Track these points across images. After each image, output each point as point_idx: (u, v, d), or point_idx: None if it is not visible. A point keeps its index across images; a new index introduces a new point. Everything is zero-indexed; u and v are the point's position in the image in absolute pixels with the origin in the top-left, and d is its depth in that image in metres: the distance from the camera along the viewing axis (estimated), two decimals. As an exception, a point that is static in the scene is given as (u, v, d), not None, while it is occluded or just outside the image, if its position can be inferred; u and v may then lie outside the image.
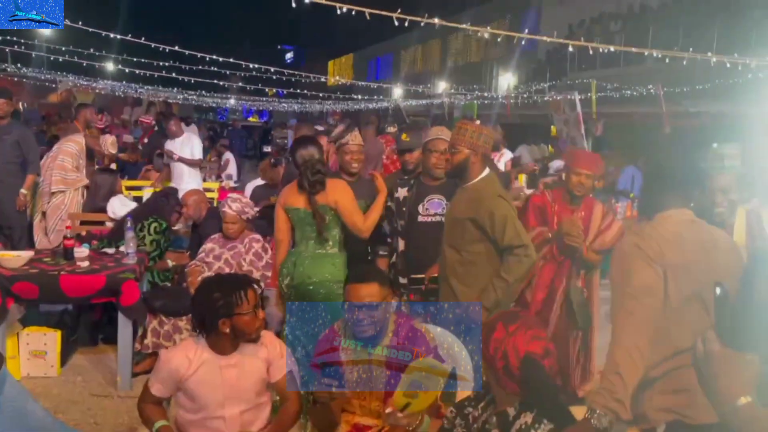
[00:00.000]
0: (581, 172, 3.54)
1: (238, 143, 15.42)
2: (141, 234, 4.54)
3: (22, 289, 3.75)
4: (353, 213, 3.33)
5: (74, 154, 5.72)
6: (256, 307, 2.32)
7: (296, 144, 3.57)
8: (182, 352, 2.37)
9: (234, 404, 2.36)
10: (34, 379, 4.01)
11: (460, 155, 3.07)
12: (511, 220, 2.99)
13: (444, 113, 17.06)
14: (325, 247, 3.35)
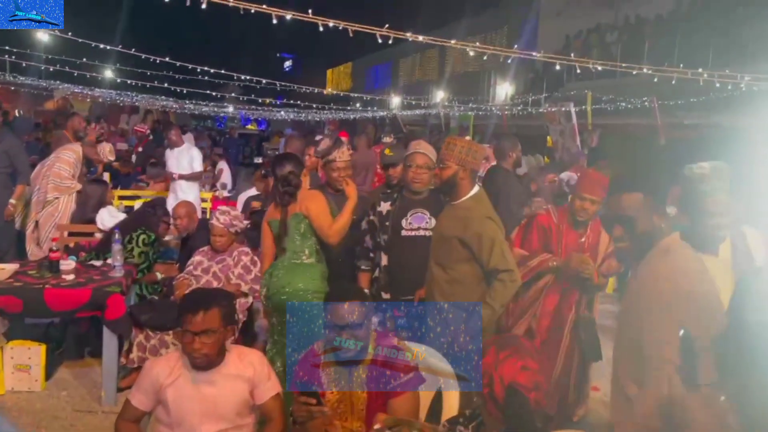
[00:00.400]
0: (585, 197, 3.40)
1: (234, 152, 15.39)
2: (129, 246, 4.50)
3: (6, 303, 3.70)
4: (320, 216, 3.32)
5: (72, 163, 5.70)
6: (201, 333, 2.23)
7: (275, 161, 3.61)
8: (165, 362, 2.40)
9: (212, 422, 2.32)
10: (18, 394, 3.95)
11: (448, 171, 3.05)
12: (498, 243, 2.96)
13: (441, 123, 17.05)
14: (300, 257, 3.35)
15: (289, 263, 3.34)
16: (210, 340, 2.26)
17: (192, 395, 2.32)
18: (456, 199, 3.08)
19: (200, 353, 2.26)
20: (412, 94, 21.82)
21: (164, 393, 2.33)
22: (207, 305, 2.27)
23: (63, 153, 5.75)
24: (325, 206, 3.37)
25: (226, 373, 2.36)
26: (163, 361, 2.41)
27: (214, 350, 2.29)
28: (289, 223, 3.34)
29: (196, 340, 2.25)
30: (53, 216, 5.53)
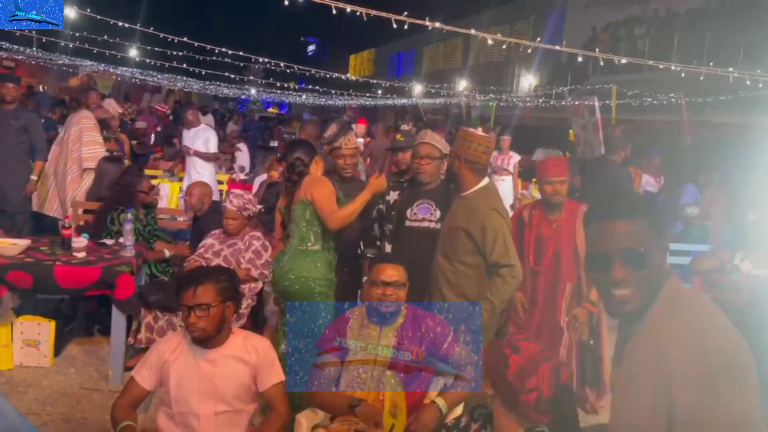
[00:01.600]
0: (553, 179, 3.48)
1: (253, 134, 15.39)
2: (113, 228, 4.50)
3: (16, 278, 3.71)
4: (323, 202, 3.21)
5: (95, 127, 5.82)
6: (195, 307, 2.26)
7: (288, 146, 3.55)
8: (173, 338, 2.44)
9: (209, 402, 2.31)
10: (27, 369, 3.97)
11: (449, 162, 3.09)
12: (501, 236, 2.93)
13: (462, 113, 16.89)
14: (306, 243, 3.26)
15: (295, 250, 3.28)
16: (205, 314, 2.27)
17: (193, 372, 2.33)
18: (464, 190, 3.08)
19: (197, 327, 2.27)
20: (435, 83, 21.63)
21: (167, 369, 2.34)
22: (201, 280, 2.30)
23: (82, 123, 5.78)
24: (330, 192, 3.28)
25: (228, 354, 2.36)
26: (171, 338, 2.46)
27: (212, 325, 2.29)
28: (295, 210, 3.29)
29: (191, 315, 2.26)
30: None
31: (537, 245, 3.51)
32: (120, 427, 2.23)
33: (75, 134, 5.74)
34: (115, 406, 2.32)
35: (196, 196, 4.78)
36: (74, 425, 3.39)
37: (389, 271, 2.59)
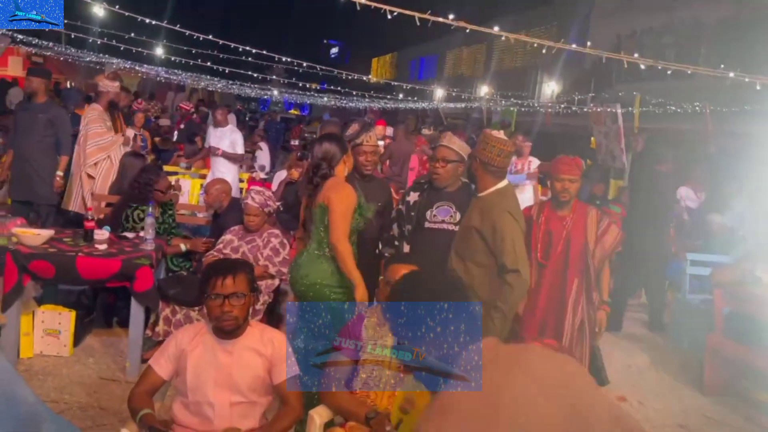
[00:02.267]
0: (563, 177, 3.51)
1: (274, 135, 15.50)
2: (128, 225, 4.56)
3: (39, 267, 3.77)
4: (337, 216, 3.08)
5: (97, 119, 5.94)
6: (231, 295, 2.30)
7: (317, 139, 3.53)
8: (191, 329, 2.48)
9: (224, 393, 2.34)
10: (46, 358, 4.04)
11: (469, 163, 3.14)
12: (510, 238, 2.96)
13: (482, 118, 16.84)
14: (323, 249, 3.19)
15: (312, 254, 3.21)
16: (239, 302, 2.32)
17: (210, 362, 2.35)
18: (480, 191, 3.13)
19: (231, 315, 2.31)
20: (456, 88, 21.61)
21: (185, 359, 2.37)
22: (235, 270, 2.35)
23: (88, 115, 5.99)
24: (347, 205, 3.13)
25: (244, 345, 2.38)
26: (189, 329, 2.49)
27: (244, 314, 2.35)
28: (315, 212, 3.21)
29: (226, 303, 2.30)
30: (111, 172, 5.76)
31: (545, 240, 3.52)
32: (139, 415, 2.25)
33: (83, 131, 5.88)
34: (132, 395, 2.35)
35: (213, 194, 4.84)
36: (91, 414, 3.44)
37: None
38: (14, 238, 3.95)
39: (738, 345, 4.31)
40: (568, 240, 3.50)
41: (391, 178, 8.03)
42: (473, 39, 26.28)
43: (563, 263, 3.48)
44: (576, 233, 3.50)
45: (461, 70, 29.21)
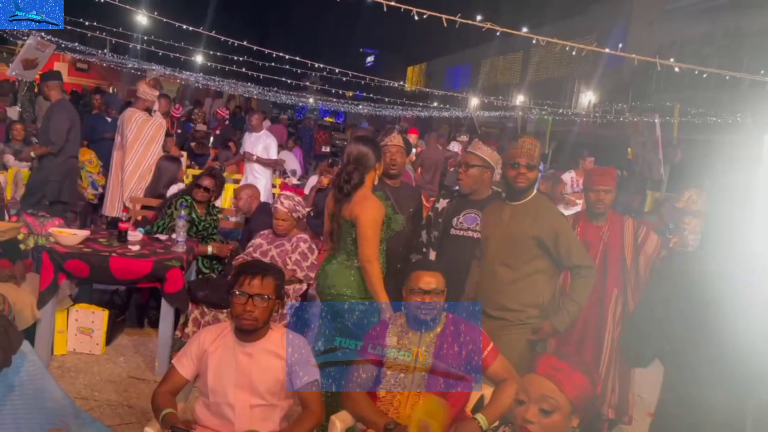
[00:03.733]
0: (597, 188, 3.47)
1: (308, 141, 15.65)
2: (169, 211, 4.64)
3: (74, 266, 3.87)
4: (365, 237, 2.99)
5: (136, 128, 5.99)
6: (256, 296, 2.32)
7: (352, 139, 3.47)
8: (214, 330, 2.49)
9: (244, 395, 2.35)
10: (79, 355, 4.14)
11: (536, 171, 3.02)
12: (574, 238, 2.95)
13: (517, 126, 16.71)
14: (352, 260, 3.10)
15: (340, 264, 3.14)
16: (263, 304, 2.33)
17: (230, 364, 2.37)
18: (521, 199, 3.03)
19: (251, 315, 2.32)
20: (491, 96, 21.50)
21: (206, 359, 2.39)
22: (265, 272, 2.38)
23: (135, 118, 6.03)
24: (375, 221, 3.02)
25: (265, 348, 2.39)
26: (212, 329, 2.51)
27: (264, 317, 2.36)
28: (343, 224, 3.10)
29: (249, 302, 2.31)
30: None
31: None
32: (162, 414, 2.27)
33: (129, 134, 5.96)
34: (156, 394, 2.38)
35: (243, 199, 4.91)
36: (120, 412, 3.50)
37: (427, 279, 2.57)
38: (51, 237, 4.07)
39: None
40: (605, 251, 3.46)
41: (422, 185, 8.02)
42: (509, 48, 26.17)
43: (602, 274, 3.41)
44: (613, 244, 3.46)
45: (496, 78, 29.07)
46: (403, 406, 2.49)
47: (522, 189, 3.01)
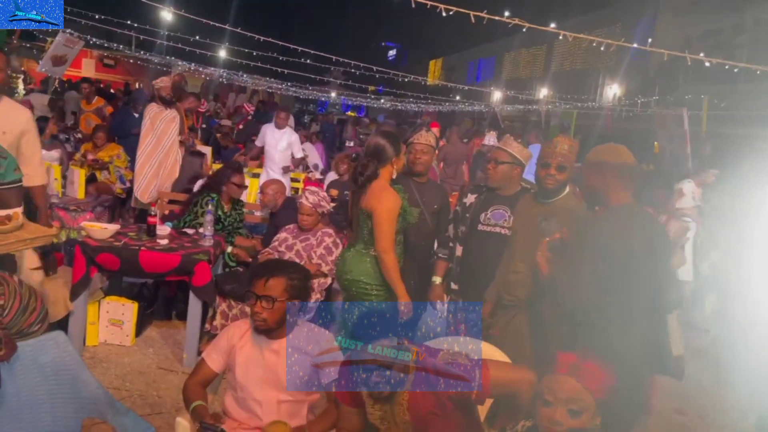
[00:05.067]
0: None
1: (330, 136, 15.70)
2: (194, 209, 4.70)
3: (105, 260, 3.95)
4: (380, 228, 3.07)
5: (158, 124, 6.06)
6: (262, 297, 2.30)
7: (374, 133, 3.55)
8: (242, 325, 2.50)
9: (272, 390, 2.37)
10: (110, 346, 4.23)
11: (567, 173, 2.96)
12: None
13: (541, 120, 16.55)
14: (369, 249, 3.22)
15: (358, 253, 3.26)
16: (269, 306, 2.31)
17: (257, 361, 2.39)
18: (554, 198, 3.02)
19: (259, 317, 2.33)
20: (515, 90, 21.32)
21: (234, 355, 2.42)
22: (273, 273, 2.34)
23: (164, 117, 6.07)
24: (390, 212, 3.11)
25: (292, 344, 2.40)
26: (241, 324, 2.51)
27: (273, 318, 2.33)
28: (360, 214, 3.21)
29: (257, 303, 2.32)
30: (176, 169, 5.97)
31: None
32: (192, 406, 2.32)
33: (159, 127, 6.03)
34: (186, 386, 2.42)
35: (269, 194, 4.96)
36: (150, 402, 3.58)
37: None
38: (83, 231, 4.16)
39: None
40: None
41: (444, 180, 8.01)
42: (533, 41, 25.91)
43: None
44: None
45: (519, 72, 28.82)
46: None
47: (549, 190, 2.98)
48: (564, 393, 1.71)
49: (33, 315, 2.42)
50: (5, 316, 2.31)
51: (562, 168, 2.92)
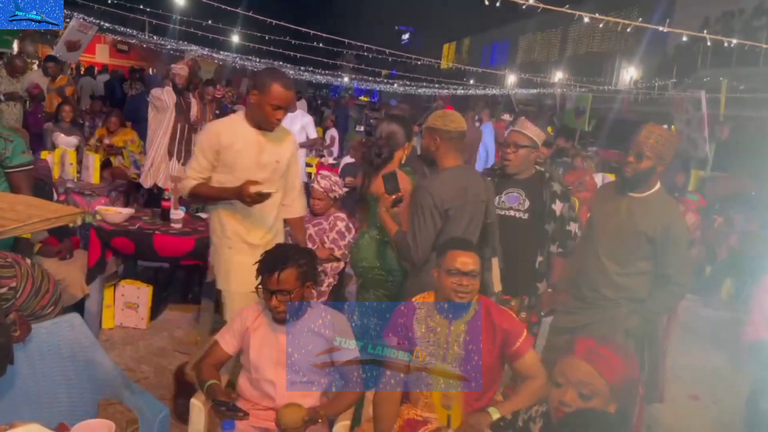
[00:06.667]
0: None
1: (343, 120, 15.66)
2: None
3: (120, 244, 3.99)
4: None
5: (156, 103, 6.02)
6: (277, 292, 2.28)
7: (384, 117, 3.51)
8: (257, 307, 2.50)
9: (285, 372, 2.38)
10: (125, 329, 4.28)
11: (648, 162, 2.73)
12: (683, 248, 2.79)
13: (555, 104, 16.37)
14: (383, 235, 3.16)
15: (372, 238, 3.23)
16: (286, 298, 2.32)
17: (271, 343, 2.40)
18: (642, 192, 2.82)
19: (278, 310, 2.34)
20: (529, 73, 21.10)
21: (248, 337, 2.44)
22: (283, 265, 2.31)
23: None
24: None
25: (305, 326, 2.41)
26: (254, 307, 2.52)
27: (292, 308, 2.34)
28: (371, 199, 3.18)
29: (273, 298, 2.32)
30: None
31: None
32: (207, 385, 2.34)
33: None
34: (200, 366, 2.45)
35: None
36: (165, 384, 3.62)
37: (464, 259, 2.35)
38: (98, 215, 4.19)
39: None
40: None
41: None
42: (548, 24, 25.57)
43: None
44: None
45: (534, 55, 28.50)
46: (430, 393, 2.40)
47: (630, 179, 2.82)
48: (575, 376, 1.70)
49: (46, 297, 2.45)
50: (18, 297, 2.34)
51: (641, 156, 2.73)
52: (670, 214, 2.77)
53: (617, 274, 2.84)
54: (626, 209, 2.84)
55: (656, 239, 2.74)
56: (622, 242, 2.83)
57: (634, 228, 2.78)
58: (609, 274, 2.85)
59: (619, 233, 2.84)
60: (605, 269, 2.87)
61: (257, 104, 2.80)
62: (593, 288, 2.91)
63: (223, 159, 2.87)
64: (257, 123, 2.88)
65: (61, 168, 5.89)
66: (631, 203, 2.83)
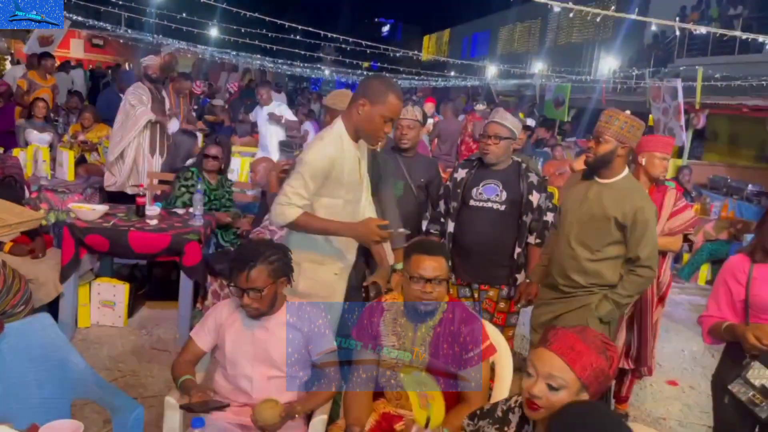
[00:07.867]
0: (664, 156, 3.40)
1: (323, 114, 15.60)
2: (177, 185, 4.68)
3: (94, 241, 3.92)
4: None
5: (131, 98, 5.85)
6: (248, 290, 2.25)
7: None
8: (231, 303, 2.47)
9: (263, 367, 2.37)
10: (102, 328, 4.22)
11: (606, 146, 2.76)
12: (651, 230, 2.79)
13: (535, 95, 16.45)
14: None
15: None
16: (257, 296, 2.28)
17: (247, 338, 2.38)
18: (609, 177, 2.84)
19: (251, 308, 2.31)
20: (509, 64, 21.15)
21: (223, 333, 2.41)
22: (252, 263, 2.26)
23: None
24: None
25: (281, 321, 2.39)
26: (227, 303, 2.49)
27: (265, 303, 2.32)
28: None
29: (245, 296, 2.29)
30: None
31: None
32: (180, 380, 2.32)
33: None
34: (175, 363, 2.42)
35: (260, 171, 4.89)
36: (143, 382, 3.58)
37: (429, 264, 2.26)
38: (71, 213, 4.12)
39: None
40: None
41: (439, 156, 7.95)
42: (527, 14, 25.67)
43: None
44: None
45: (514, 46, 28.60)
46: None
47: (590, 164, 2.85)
48: (544, 368, 1.69)
49: (17, 296, 2.41)
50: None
51: (600, 140, 2.77)
52: (638, 198, 2.80)
53: (588, 260, 2.86)
54: (595, 195, 2.86)
55: (626, 223, 2.78)
56: (592, 228, 2.85)
57: (603, 213, 2.81)
58: (580, 261, 2.87)
59: (588, 219, 2.86)
60: (576, 255, 2.89)
61: (367, 116, 2.52)
62: (565, 275, 2.93)
63: (331, 180, 2.58)
64: (359, 135, 2.61)
65: (35, 165, 5.79)
66: (600, 189, 2.86)
